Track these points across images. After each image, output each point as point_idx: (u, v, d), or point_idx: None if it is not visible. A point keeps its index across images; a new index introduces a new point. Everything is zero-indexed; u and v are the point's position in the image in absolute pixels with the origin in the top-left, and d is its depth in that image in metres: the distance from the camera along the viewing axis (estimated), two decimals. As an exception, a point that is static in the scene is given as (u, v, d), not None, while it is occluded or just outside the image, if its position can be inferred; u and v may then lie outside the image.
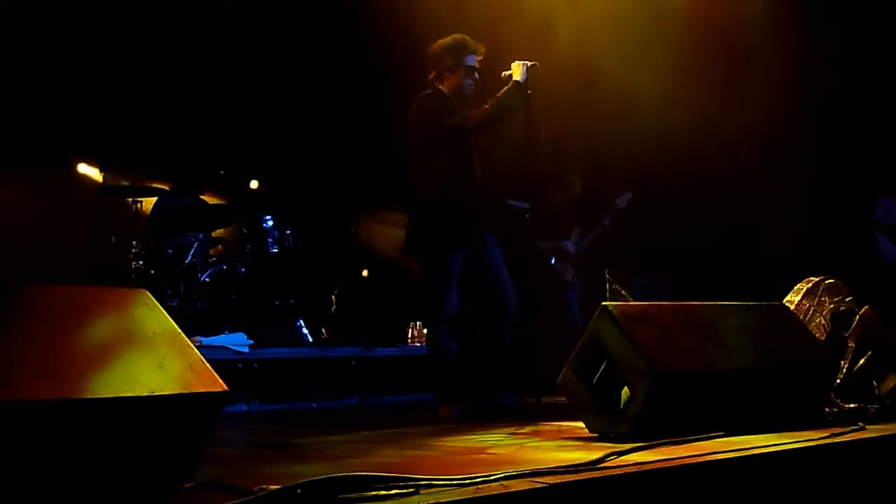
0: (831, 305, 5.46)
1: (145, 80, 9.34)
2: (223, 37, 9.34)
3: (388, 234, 8.19)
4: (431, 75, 6.24)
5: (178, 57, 9.35)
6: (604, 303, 4.46)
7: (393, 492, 2.61)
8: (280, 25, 9.56)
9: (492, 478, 2.79)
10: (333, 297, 9.34)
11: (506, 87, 6.03)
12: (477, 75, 6.19)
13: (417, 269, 6.39)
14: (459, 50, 6.14)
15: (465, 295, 6.27)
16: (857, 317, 5.36)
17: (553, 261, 8.52)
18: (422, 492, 2.64)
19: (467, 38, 6.18)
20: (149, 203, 8.74)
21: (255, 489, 2.59)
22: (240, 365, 7.13)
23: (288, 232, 8.84)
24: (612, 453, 3.32)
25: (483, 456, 3.80)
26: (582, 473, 2.96)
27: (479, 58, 6.19)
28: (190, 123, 9.72)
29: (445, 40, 6.19)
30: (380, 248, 8.92)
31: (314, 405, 7.38)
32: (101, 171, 9.92)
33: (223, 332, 7.74)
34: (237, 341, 7.44)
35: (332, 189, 10.54)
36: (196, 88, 9.59)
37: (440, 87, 6.21)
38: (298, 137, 10.45)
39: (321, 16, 9.60)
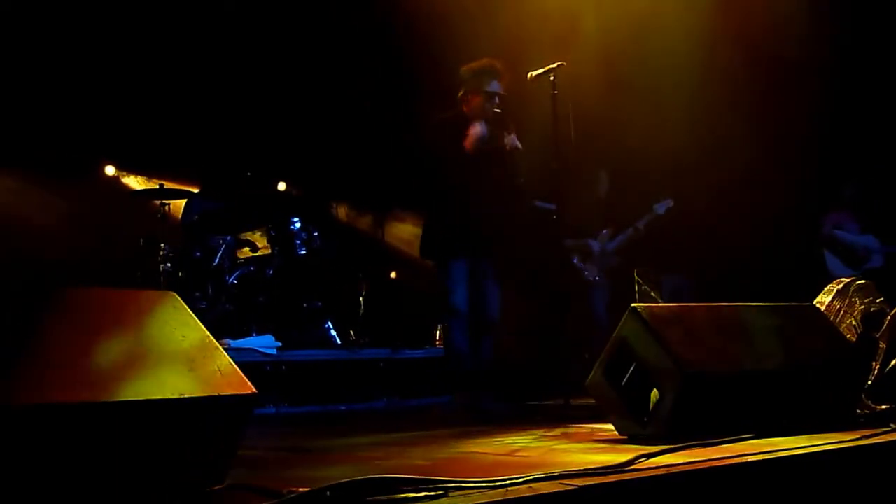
0: (862, 306, 5.41)
1: (174, 85, 9.41)
2: (248, 41, 9.38)
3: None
4: (460, 94, 6.51)
5: (208, 63, 9.41)
6: (633, 304, 4.44)
7: (422, 494, 2.60)
8: (306, 28, 9.59)
9: (520, 480, 2.78)
10: (361, 299, 9.35)
11: None
12: (498, 100, 6.39)
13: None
14: (483, 76, 6.41)
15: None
16: (889, 317, 5.32)
17: (576, 260, 8.50)
18: (450, 494, 2.63)
19: (494, 63, 6.43)
20: (177, 206, 8.78)
21: (285, 491, 2.60)
22: (268, 367, 7.15)
23: (315, 234, 8.85)
24: (642, 455, 3.30)
25: (512, 458, 3.79)
26: (611, 476, 2.94)
27: (503, 83, 6.42)
28: (218, 127, 9.76)
29: (473, 64, 6.46)
30: None
31: (342, 407, 7.38)
32: (129, 175, 9.99)
33: (251, 335, 7.76)
34: (265, 343, 7.46)
35: (361, 190, 10.58)
36: (223, 92, 9.64)
37: (463, 107, 6.49)
38: (325, 139, 10.48)
39: (351, 18, 9.62)
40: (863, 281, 5.61)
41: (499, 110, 6.38)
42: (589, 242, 8.57)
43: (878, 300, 5.46)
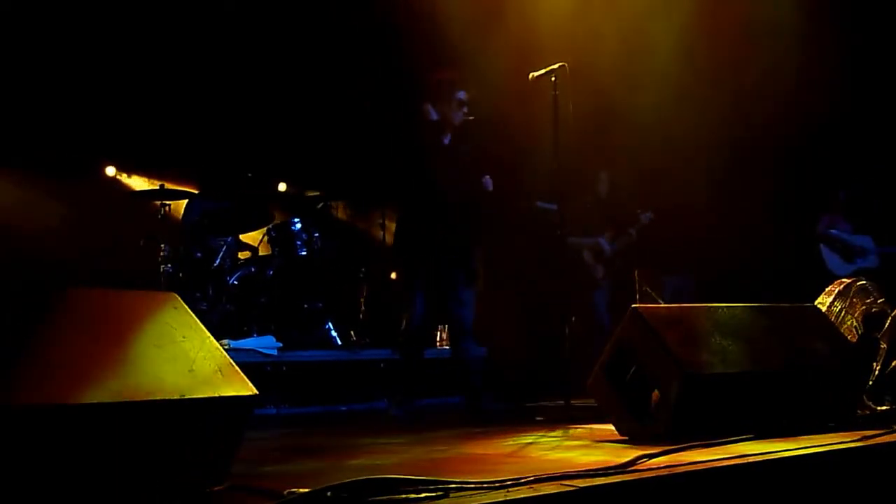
0: (863, 307, 5.41)
1: (174, 86, 9.39)
2: (248, 41, 9.37)
3: None
4: (425, 102, 6.62)
5: (208, 63, 9.39)
6: (633, 304, 4.44)
7: (423, 495, 2.60)
8: (306, 28, 9.57)
9: (522, 481, 2.78)
10: (362, 299, 9.35)
11: None
12: (466, 108, 6.52)
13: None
14: (450, 85, 6.53)
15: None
16: (890, 318, 5.32)
17: (587, 257, 8.50)
18: (451, 495, 2.63)
19: (459, 75, 6.64)
20: (177, 206, 8.78)
21: (285, 492, 2.60)
22: (268, 368, 7.15)
23: (316, 235, 8.84)
24: (643, 456, 3.30)
25: (513, 459, 3.79)
26: (612, 476, 2.94)
27: (469, 92, 6.56)
28: (218, 127, 9.75)
29: (441, 75, 6.63)
30: None
31: (343, 408, 7.38)
32: (129, 175, 9.99)
33: (252, 335, 7.75)
34: (266, 344, 7.45)
35: (362, 189, 10.56)
36: (223, 92, 9.63)
37: (423, 110, 6.61)
38: (325, 139, 10.46)
39: (351, 18, 9.61)
40: (864, 282, 5.61)
41: (471, 117, 6.50)
42: (600, 241, 8.59)
43: (879, 301, 5.46)
